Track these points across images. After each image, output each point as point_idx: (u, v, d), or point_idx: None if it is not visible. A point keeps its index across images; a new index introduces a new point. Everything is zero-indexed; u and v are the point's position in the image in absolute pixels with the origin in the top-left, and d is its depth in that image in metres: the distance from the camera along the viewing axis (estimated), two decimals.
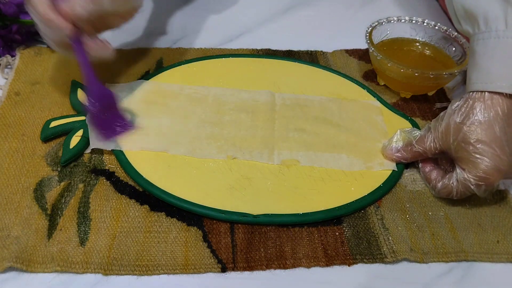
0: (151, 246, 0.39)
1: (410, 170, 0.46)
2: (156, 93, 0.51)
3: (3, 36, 0.54)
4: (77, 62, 0.43)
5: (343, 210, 0.42)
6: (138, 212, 0.41)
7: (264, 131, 0.48)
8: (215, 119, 0.49)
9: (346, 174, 0.45)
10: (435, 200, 0.44)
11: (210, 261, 0.38)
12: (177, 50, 0.58)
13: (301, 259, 0.39)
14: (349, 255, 0.39)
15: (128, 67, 0.55)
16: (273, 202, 0.42)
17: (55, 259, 0.37)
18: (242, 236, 0.40)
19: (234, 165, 0.45)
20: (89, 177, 0.43)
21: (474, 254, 0.40)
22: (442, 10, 0.70)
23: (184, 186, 0.42)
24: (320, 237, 0.40)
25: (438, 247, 0.40)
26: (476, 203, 0.44)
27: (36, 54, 0.55)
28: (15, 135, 0.46)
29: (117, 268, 0.37)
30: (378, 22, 0.57)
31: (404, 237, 0.40)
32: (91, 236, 0.39)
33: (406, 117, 0.51)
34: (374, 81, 0.56)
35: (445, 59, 0.55)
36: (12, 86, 0.51)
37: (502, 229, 0.42)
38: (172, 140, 0.46)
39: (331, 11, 0.69)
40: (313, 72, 0.56)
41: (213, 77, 0.54)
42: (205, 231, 0.40)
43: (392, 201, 0.43)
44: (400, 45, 0.57)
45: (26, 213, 0.40)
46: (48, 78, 0.52)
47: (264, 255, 0.39)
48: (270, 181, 0.44)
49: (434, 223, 0.42)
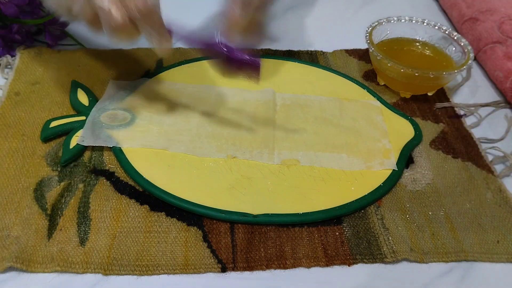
0: (151, 246, 0.39)
1: (410, 170, 0.46)
2: (159, 91, 0.51)
3: (3, 36, 0.54)
4: None
5: (343, 210, 0.42)
6: (138, 212, 0.41)
7: (264, 131, 0.48)
8: (216, 118, 0.49)
9: (346, 174, 0.45)
10: (435, 200, 0.44)
11: (210, 261, 0.38)
12: (177, 50, 0.58)
13: (301, 259, 0.39)
14: (349, 255, 0.39)
15: (128, 67, 0.55)
16: (273, 202, 0.42)
17: (55, 259, 0.37)
18: (242, 236, 0.40)
19: (234, 165, 0.45)
20: (89, 177, 0.43)
21: (474, 254, 0.40)
22: (442, 10, 0.70)
23: (184, 186, 0.42)
24: (320, 237, 0.40)
25: (438, 247, 0.40)
26: (476, 203, 0.44)
27: (36, 54, 0.55)
28: (15, 135, 0.46)
29: (117, 268, 0.37)
30: (378, 22, 0.57)
31: (404, 237, 0.40)
32: (91, 236, 0.39)
33: (406, 117, 0.51)
34: (374, 81, 0.56)
35: (445, 59, 0.55)
36: (12, 86, 0.51)
37: (502, 229, 0.42)
38: (173, 138, 0.46)
39: (331, 11, 0.69)
40: (313, 72, 0.56)
41: (213, 77, 0.54)
42: (205, 231, 0.40)
43: (392, 201, 0.43)
44: (400, 45, 0.57)
45: (26, 213, 0.40)
46: (48, 78, 0.52)
47: (264, 255, 0.39)
48: (270, 181, 0.44)
49: (434, 223, 0.42)
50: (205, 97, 0.51)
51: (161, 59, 0.56)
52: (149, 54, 0.57)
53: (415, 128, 0.50)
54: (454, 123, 0.51)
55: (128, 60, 0.56)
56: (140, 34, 0.41)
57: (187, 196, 0.41)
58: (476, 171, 0.46)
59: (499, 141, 0.50)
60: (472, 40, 0.60)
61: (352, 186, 0.44)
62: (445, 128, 0.51)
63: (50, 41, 0.56)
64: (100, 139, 0.45)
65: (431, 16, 0.60)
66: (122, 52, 0.57)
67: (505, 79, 0.54)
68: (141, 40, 0.60)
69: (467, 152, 0.48)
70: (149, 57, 0.57)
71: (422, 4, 0.71)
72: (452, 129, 0.51)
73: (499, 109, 0.54)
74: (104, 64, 0.55)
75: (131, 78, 0.53)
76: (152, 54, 0.57)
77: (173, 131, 0.47)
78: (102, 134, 0.45)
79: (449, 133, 0.50)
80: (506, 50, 0.56)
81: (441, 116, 0.52)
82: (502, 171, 0.46)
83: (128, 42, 0.40)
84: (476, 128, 0.52)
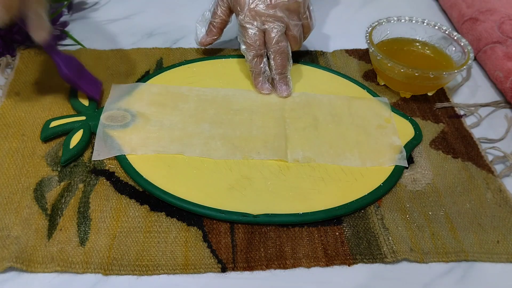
0: (151, 246, 0.39)
1: (410, 170, 0.46)
2: (165, 95, 0.51)
3: (3, 36, 0.54)
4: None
5: (343, 210, 0.42)
6: (138, 212, 0.41)
7: (276, 130, 0.48)
8: (227, 120, 0.49)
9: (346, 173, 0.45)
10: (435, 200, 0.44)
11: (210, 261, 0.38)
12: (177, 50, 0.58)
13: (301, 259, 0.39)
14: (349, 255, 0.39)
15: (128, 67, 0.55)
16: (273, 202, 0.42)
17: (55, 259, 0.37)
18: (242, 236, 0.40)
19: (234, 165, 0.45)
20: (89, 177, 0.43)
21: (474, 254, 0.40)
22: (442, 10, 0.70)
23: (184, 186, 0.42)
24: (320, 237, 0.40)
25: (438, 247, 0.40)
26: (476, 203, 0.44)
27: (36, 54, 0.55)
28: (15, 135, 0.46)
29: (117, 268, 0.37)
30: (378, 22, 0.57)
31: (404, 237, 0.40)
32: (91, 236, 0.39)
33: (406, 117, 0.51)
34: (374, 81, 0.56)
35: (445, 59, 0.55)
36: (12, 86, 0.51)
37: (502, 229, 0.42)
38: (186, 142, 0.46)
39: (331, 11, 0.69)
40: (313, 72, 0.56)
41: (213, 77, 0.54)
42: (205, 231, 0.40)
43: (392, 201, 0.43)
44: (400, 45, 0.57)
45: (26, 213, 0.40)
46: (48, 78, 0.52)
47: (264, 255, 0.39)
48: (270, 181, 0.44)
49: (434, 223, 0.42)
50: (212, 99, 0.51)
51: (161, 59, 0.56)
52: (149, 54, 0.57)
53: (415, 128, 0.50)
54: (454, 123, 0.51)
55: (128, 60, 0.56)
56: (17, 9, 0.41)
57: (187, 196, 0.41)
58: (476, 171, 0.46)
59: (499, 141, 0.50)
60: (472, 40, 0.60)
61: (352, 186, 0.44)
62: (445, 128, 0.51)
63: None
64: (114, 149, 0.45)
65: (431, 16, 0.60)
66: (122, 52, 0.57)
67: (505, 79, 0.54)
68: (141, 40, 0.60)
69: (467, 152, 0.48)
70: (149, 57, 0.57)
71: (422, 4, 0.71)
72: (452, 129, 0.51)
73: (499, 109, 0.54)
74: (104, 64, 0.55)
75: (131, 78, 0.53)
76: (152, 54, 0.57)
77: (185, 135, 0.47)
78: (114, 143, 0.45)
79: (449, 133, 0.50)
80: (506, 50, 0.56)
81: (441, 116, 0.52)
82: (502, 171, 0.46)
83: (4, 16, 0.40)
84: (476, 128, 0.52)
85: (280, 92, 0.52)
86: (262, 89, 0.52)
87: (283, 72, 0.52)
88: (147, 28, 0.62)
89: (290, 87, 0.52)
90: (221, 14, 0.54)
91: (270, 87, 0.52)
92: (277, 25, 0.51)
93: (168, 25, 0.63)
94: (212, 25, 0.55)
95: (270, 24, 0.51)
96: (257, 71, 0.52)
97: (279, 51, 0.51)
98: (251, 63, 0.51)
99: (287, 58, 0.52)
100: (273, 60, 0.51)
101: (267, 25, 0.51)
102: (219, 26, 0.55)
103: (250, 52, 0.51)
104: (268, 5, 0.50)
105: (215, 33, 0.55)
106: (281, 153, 0.46)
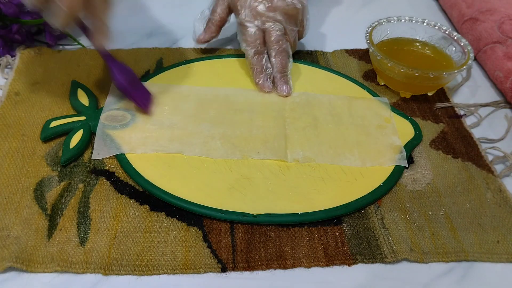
0: (151, 246, 0.39)
1: (410, 170, 0.46)
2: (165, 95, 0.51)
3: (3, 36, 0.54)
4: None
5: (343, 210, 0.42)
6: (138, 212, 0.41)
7: (276, 130, 0.48)
8: (227, 120, 0.49)
9: (346, 173, 0.45)
10: (435, 200, 0.44)
11: (210, 261, 0.38)
12: (177, 50, 0.58)
13: (301, 259, 0.39)
14: (349, 255, 0.39)
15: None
16: (273, 202, 0.42)
17: (55, 259, 0.37)
18: (242, 236, 0.40)
19: (234, 165, 0.45)
20: (89, 177, 0.43)
21: (474, 254, 0.40)
22: (442, 10, 0.70)
23: (184, 186, 0.42)
24: (320, 237, 0.40)
25: (438, 247, 0.40)
26: (476, 203, 0.44)
27: (36, 54, 0.55)
28: (15, 135, 0.46)
29: (117, 268, 0.37)
30: (378, 22, 0.57)
31: (404, 237, 0.40)
32: (91, 236, 0.39)
33: (406, 117, 0.51)
34: (374, 81, 0.56)
35: (445, 59, 0.55)
36: (12, 86, 0.51)
37: (502, 229, 0.42)
38: (186, 142, 0.46)
39: (331, 11, 0.69)
40: (313, 72, 0.56)
41: (213, 77, 0.54)
42: (205, 231, 0.40)
43: (392, 201, 0.43)
44: (400, 45, 0.57)
45: (26, 213, 0.40)
46: (48, 78, 0.52)
47: (264, 255, 0.39)
48: (270, 181, 0.44)
49: (434, 223, 0.42)
50: (212, 99, 0.51)
51: (161, 59, 0.56)
52: (149, 54, 0.57)
53: (415, 128, 0.50)
54: (454, 123, 0.51)
55: (128, 60, 0.56)
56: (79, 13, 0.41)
57: (187, 196, 0.41)
58: (476, 171, 0.46)
59: (499, 141, 0.50)
60: (472, 40, 0.60)
61: (352, 186, 0.44)
62: (445, 128, 0.51)
63: (50, 41, 0.56)
64: (114, 148, 0.45)
65: (431, 16, 0.60)
66: (122, 52, 0.57)
67: (505, 79, 0.54)
68: (141, 40, 0.60)
69: (467, 152, 0.48)
70: (149, 57, 0.57)
71: (422, 4, 0.71)
72: (452, 129, 0.51)
73: (499, 109, 0.54)
74: (104, 64, 0.55)
75: None
76: (152, 54, 0.57)
77: (185, 135, 0.47)
78: (114, 142, 0.45)
79: (449, 133, 0.50)
80: (506, 50, 0.56)
81: (441, 116, 0.52)
82: (502, 171, 0.46)
83: (68, 22, 0.41)
84: (476, 128, 0.52)
85: (280, 91, 0.52)
86: (263, 86, 0.52)
87: (284, 72, 0.52)
88: (147, 28, 0.62)
89: (291, 86, 0.52)
90: (220, 12, 0.54)
91: (271, 85, 0.52)
92: (277, 25, 0.51)
93: (168, 25, 0.63)
94: (211, 22, 0.55)
95: (270, 24, 0.51)
96: (259, 68, 0.52)
97: (279, 51, 0.51)
98: (252, 60, 0.51)
99: (287, 58, 0.52)
100: (274, 59, 0.51)
101: (267, 25, 0.51)
102: (218, 24, 0.55)
103: (251, 49, 0.51)
104: (268, 7, 0.50)
105: (213, 30, 0.56)
106: (281, 153, 0.46)
